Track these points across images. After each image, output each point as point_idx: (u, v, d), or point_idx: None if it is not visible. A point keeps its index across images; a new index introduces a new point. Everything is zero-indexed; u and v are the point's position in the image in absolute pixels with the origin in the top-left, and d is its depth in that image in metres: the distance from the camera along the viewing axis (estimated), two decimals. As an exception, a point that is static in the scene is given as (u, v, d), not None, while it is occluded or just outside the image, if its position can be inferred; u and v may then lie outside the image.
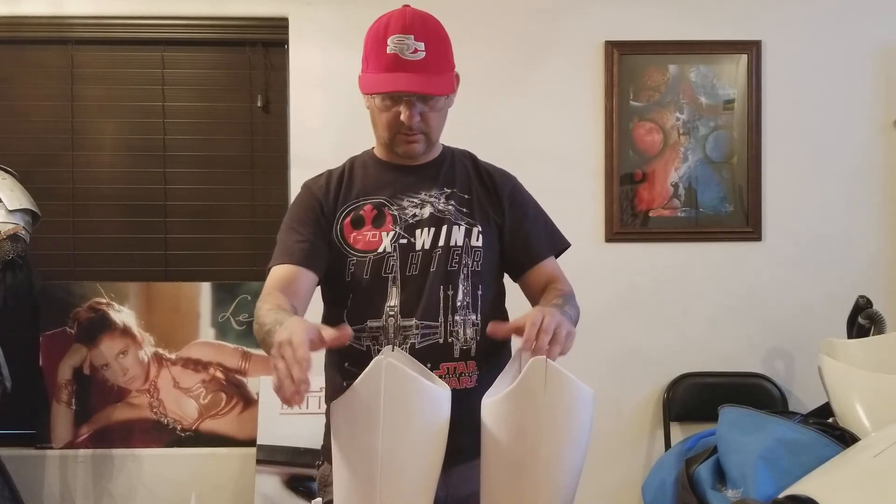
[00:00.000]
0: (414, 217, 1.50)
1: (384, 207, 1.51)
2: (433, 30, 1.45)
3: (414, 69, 1.40)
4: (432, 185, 1.53)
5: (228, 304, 2.71)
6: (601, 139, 2.72)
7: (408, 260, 1.47)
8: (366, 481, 1.13)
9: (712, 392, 2.64)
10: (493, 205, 1.56)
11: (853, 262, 2.73)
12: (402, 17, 1.42)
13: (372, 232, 1.49)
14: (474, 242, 1.51)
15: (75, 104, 2.77)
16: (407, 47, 1.40)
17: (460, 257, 1.49)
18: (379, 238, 1.48)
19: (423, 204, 1.51)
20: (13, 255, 2.41)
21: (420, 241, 1.48)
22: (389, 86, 1.42)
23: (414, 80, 1.40)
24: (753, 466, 1.41)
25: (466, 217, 1.52)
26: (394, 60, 1.40)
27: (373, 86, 1.44)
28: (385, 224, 1.49)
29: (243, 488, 2.63)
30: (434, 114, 1.47)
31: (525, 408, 1.14)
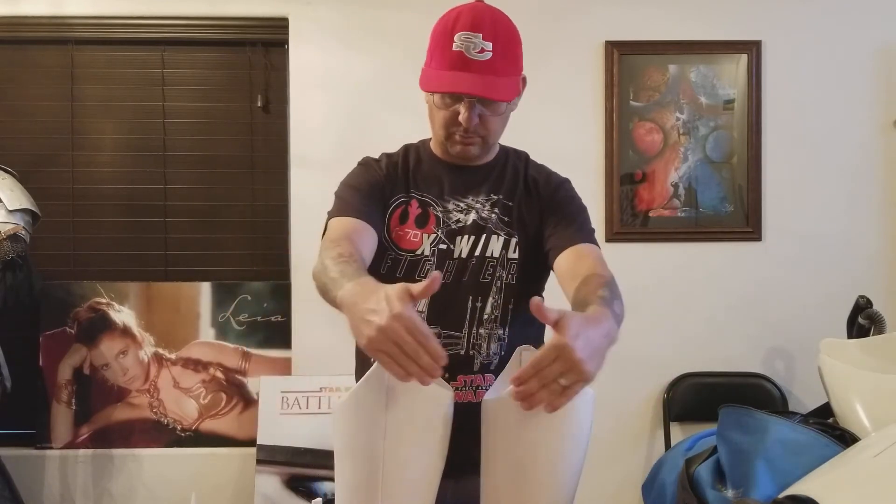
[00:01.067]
0: (457, 223, 1.45)
1: (429, 207, 1.45)
2: (504, 29, 1.38)
3: (478, 69, 1.33)
4: (480, 189, 1.48)
5: (228, 304, 2.71)
6: (601, 139, 2.72)
7: (444, 266, 1.42)
8: (368, 482, 1.13)
9: (712, 392, 2.64)
10: (530, 209, 1.49)
11: (853, 262, 2.73)
12: (472, 12, 1.35)
13: (414, 231, 1.44)
14: (511, 254, 1.45)
15: (75, 104, 2.77)
16: (474, 46, 1.33)
17: (494, 269, 1.44)
18: (420, 239, 1.43)
19: (469, 209, 1.46)
20: (13, 255, 2.41)
21: (458, 249, 1.43)
22: (449, 85, 1.35)
23: (477, 81, 1.33)
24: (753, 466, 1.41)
25: (506, 226, 1.46)
26: (458, 58, 1.33)
27: (433, 83, 1.37)
28: (428, 225, 1.44)
29: (243, 488, 2.63)
30: (494, 118, 1.41)
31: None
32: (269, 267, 2.78)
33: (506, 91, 1.38)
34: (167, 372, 2.69)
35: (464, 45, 1.33)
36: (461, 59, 1.33)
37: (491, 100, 1.37)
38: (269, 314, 2.72)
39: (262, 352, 2.70)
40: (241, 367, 2.70)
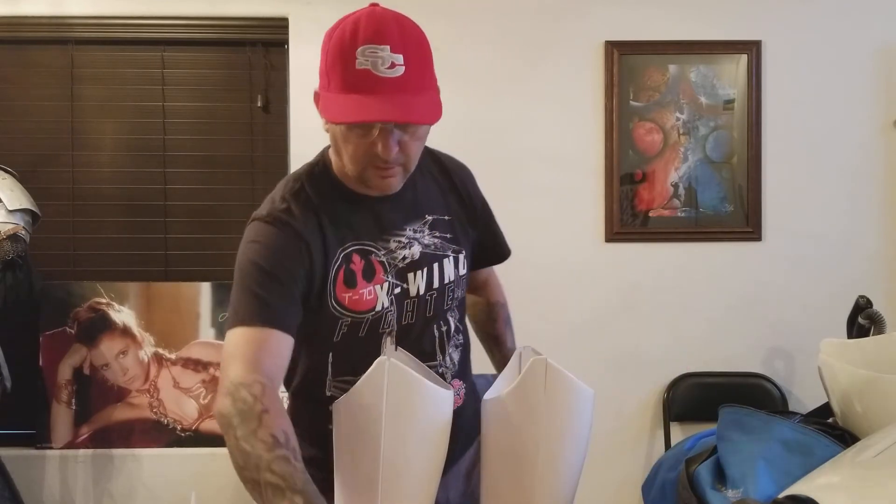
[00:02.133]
0: (404, 260, 1.30)
1: (371, 255, 1.27)
2: (413, 37, 1.16)
3: (391, 89, 1.12)
4: (414, 216, 1.32)
5: (228, 303, 2.71)
6: (601, 139, 2.72)
7: (403, 308, 1.30)
8: (367, 481, 1.13)
9: (712, 392, 2.64)
10: (468, 215, 1.41)
11: (853, 262, 2.73)
12: (373, 21, 1.13)
13: (367, 289, 1.26)
14: (462, 271, 1.38)
15: (75, 104, 2.77)
16: (382, 61, 1.11)
17: (453, 292, 1.36)
18: (374, 295, 1.26)
19: (411, 242, 1.31)
20: (13, 255, 2.41)
21: (414, 287, 1.30)
22: (363, 114, 1.13)
23: (392, 104, 1.12)
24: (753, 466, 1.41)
25: (452, 244, 1.36)
26: (365, 78, 1.11)
27: (342, 113, 1.14)
28: (376, 276, 1.27)
29: (243, 488, 2.62)
30: (415, 142, 1.20)
31: (525, 408, 1.14)
32: (269, 267, 2.78)
33: (427, 111, 1.16)
34: (167, 372, 2.69)
35: (370, 62, 1.11)
36: (368, 78, 1.12)
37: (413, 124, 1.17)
38: (269, 314, 2.71)
39: (262, 352, 2.70)
40: (241, 367, 2.69)
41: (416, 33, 1.17)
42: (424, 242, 1.33)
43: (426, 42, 1.19)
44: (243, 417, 1.05)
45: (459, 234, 1.38)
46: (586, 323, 2.72)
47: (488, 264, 1.55)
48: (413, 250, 1.31)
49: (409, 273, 1.31)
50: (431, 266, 1.33)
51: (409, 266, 1.30)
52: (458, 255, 1.37)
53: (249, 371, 1.09)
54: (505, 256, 1.54)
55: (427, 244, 1.33)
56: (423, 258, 1.32)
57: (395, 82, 1.12)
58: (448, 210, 1.38)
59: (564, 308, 2.71)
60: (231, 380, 1.09)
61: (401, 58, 1.12)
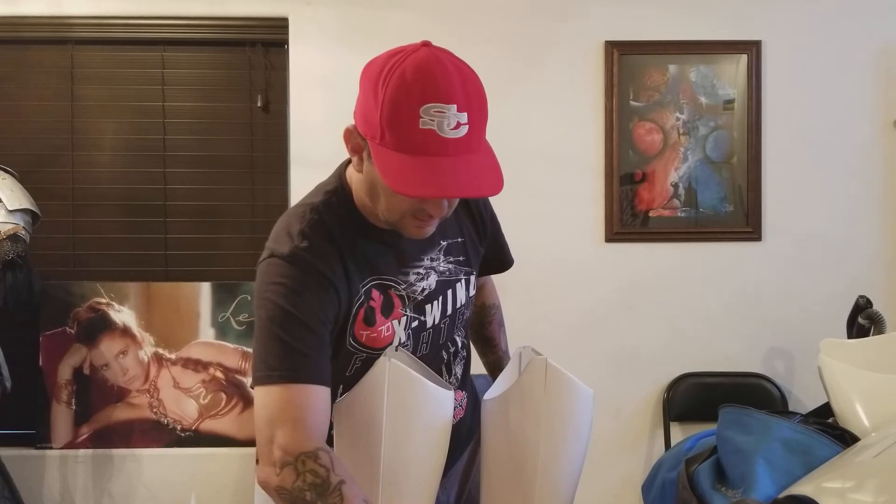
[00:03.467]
0: (423, 292, 1.25)
1: (391, 290, 1.22)
2: (475, 91, 1.08)
3: (455, 150, 1.04)
4: (430, 244, 1.27)
5: (228, 304, 2.71)
6: (601, 139, 2.72)
7: (419, 341, 1.26)
8: (368, 481, 1.12)
9: (712, 392, 2.64)
10: (478, 233, 1.38)
11: (853, 262, 2.73)
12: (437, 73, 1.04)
13: (386, 325, 1.21)
14: (471, 291, 1.35)
15: (75, 104, 2.77)
16: (448, 122, 1.03)
17: (463, 315, 1.35)
18: (392, 330, 1.21)
19: (428, 273, 1.26)
20: (13, 255, 2.41)
21: (430, 318, 1.26)
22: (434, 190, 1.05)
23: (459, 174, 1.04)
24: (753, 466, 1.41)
25: (464, 266, 1.33)
26: (430, 140, 1.03)
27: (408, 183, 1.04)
28: (395, 310, 1.22)
29: (243, 488, 2.63)
30: None
31: (525, 408, 1.14)
32: (269, 267, 2.77)
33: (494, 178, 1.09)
34: (167, 372, 2.69)
35: (435, 122, 1.03)
36: (433, 139, 1.03)
37: None
38: (269, 314, 2.71)
39: (262, 352, 2.70)
40: (241, 367, 2.69)
41: (476, 85, 1.10)
42: (440, 270, 1.28)
43: (484, 93, 1.11)
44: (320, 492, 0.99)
45: (471, 254, 1.35)
46: (586, 323, 2.72)
47: (490, 273, 1.53)
48: (430, 281, 1.26)
49: (427, 305, 1.26)
50: (446, 293, 1.29)
51: (427, 298, 1.26)
52: (469, 277, 1.34)
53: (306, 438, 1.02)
54: (508, 266, 1.52)
55: (442, 271, 1.28)
56: (439, 287, 1.28)
57: (459, 144, 1.05)
58: (461, 232, 1.33)
59: (564, 308, 2.71)
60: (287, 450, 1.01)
61: (465, 116, 1.05)
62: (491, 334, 1.61)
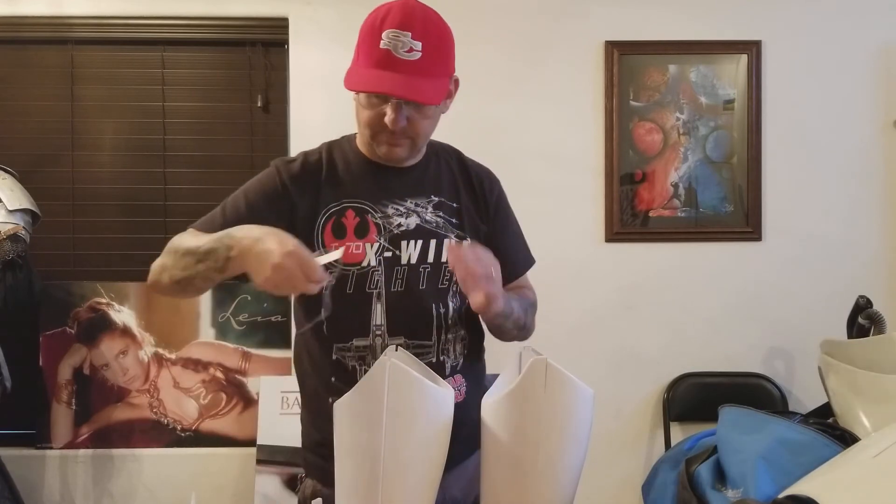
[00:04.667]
0: (399, 227, 1.40)
1: (367, 215, 1.40)
2: (435, 28, 1.32)
3: (405, 70, 1.27)
4: (419, 192, 1.43)
5: (228, 304, 2.71)
6: (601, 139, 2.72)
7: (393, 274, 1.39)
8: (368, 481, 1.13)
9: (712, 392, 2.64)
10: (479, 211, 1.49)
11: (853, 263, 2.73)
12: (402, 10, 1.29)
13: (356, 243, 1.38)
14: None
15: (75, 104, 2.77)
16: (402, 44, 1.27)
17: (452, 274, 1.40)
18: (363, 250, 1.38)
19: (410, 213, 1.41)
20: (13, 255, 2.41)
21: (406, 255, 1.40)
22: (373, 85, 1.29)
23: (402, 82, 1.28)
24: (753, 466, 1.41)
25: (456, 228, 1.44)
26: (385, 57, 1.27)
27: (357, 82, 1.30)
28: (369, 234, 1.39)
29: (243, 488, 2.63)
30: (423, 120, 1.36)
31: (525, 408, 1.14)
32: (269, 267, 2.77)
33: (432, 93, 1.32)
34: (167, 372, 2.69)
35: (391, 44, 1.28)
36: (388, 57, 1.28)
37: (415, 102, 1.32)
38: (269, 314, 2.72)
39: (261, 352, 2.70)
40: (241, 367, 2.70)
41: (438, 26, 1.33)
42: (426, 218, 1.42)
43: (447, 35, 1.35)
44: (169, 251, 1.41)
45: (467, 223, 1.45)
46: (586, 323, 2.72)
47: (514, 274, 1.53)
48: (409, 220, 1.41)
49: (402, 241, 1.40)
50: (428, 240, 1.41)
51: (403, 234, 1.40)
52: (461, 240, 1.43)
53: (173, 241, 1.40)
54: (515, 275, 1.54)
55: (428, 220, 1.42)
56: (420, 231, 1.41)
57: (410, 65, 1.28)
58: (458, 199, 1.47)
59: (564, 308, 2.71)
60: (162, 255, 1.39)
61: (419, 44, 1.28)
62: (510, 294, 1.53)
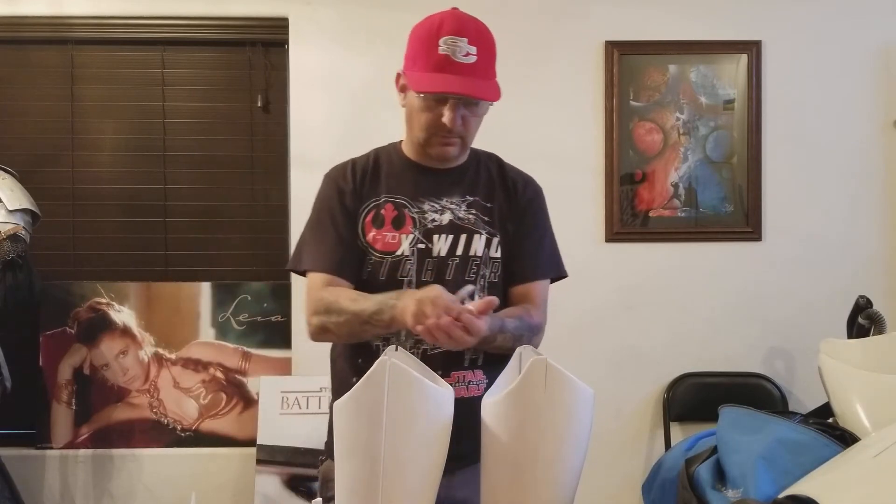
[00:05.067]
0: (433, 222, 1.50)
1: (404, 209, 1.51)
2: (485, 35, 1.46)
3: (465, 72, 1.41)
4: (455, 191, 1.54)
5: (228, 304, 2.71)
6: (601, 139, 2.72)
7: (424, 265, 1.48)
8: (368, 481, 1.13)
9: (712, 392, 2.64)
10: (511, 211, 1.56)
11: (853, 263, 2.73)
12: (455, 18, 1.43)
13: (392, 233, 1.49)
14: (493, 253, 1.52)
15: (75, 104, 2.77)
16: (459, 49, 1.40)
17: (478, 267, 1.50)
18: (398, 240, 1.49)
19: (444, 210, 1.52)
20: (13, 255, 2.41)
21: (437, 248, 1.49)
22: (442, 86, 1.41)
23: (465, 83, 1.41)
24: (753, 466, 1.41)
25: (487, 226, 1.53)
26: (445, 61, 1.40)
27: (424, 84, 1.42)
28: (404, 226, 1.50)
29: (243, 488, 2.63)
30: (475, 119, 1.48)
31: (525, 408, 1.14)
32: (269, 267, 2.78)
33: (491, 92, 1.45)
34: (167, 372, 2.69)
35: (450, 49, 1.40)
36: (448, 62, 1.40)
37: (475, 101, 1.44)
38: (269, 314, 2.72)
39: (262, 352, 2.70)
40: (241, 367, 2.70)
41: (488, 33, 1.47)
42: (459, 215, 1.52)
43: (494, 41, 1.48)
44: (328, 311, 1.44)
45: (497, 223, 1.54)
46: (586, 323, 2.72)
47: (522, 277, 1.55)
48: (443, 217, 1.51)
49: (435, 235, 1.50)
50: (458, 235, 1.50)
51: (436, 228, 1.50)
52: (491, 238, 1.52)
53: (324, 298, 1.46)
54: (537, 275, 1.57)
55: (461, 217, 1.52)
56: (451, 226, 1.51)
57: (468, 67, 1.41)
58: (492, 199, 1.55)
59: (564, 308, 2.69)
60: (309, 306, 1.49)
61: (475, 49, 1.42)
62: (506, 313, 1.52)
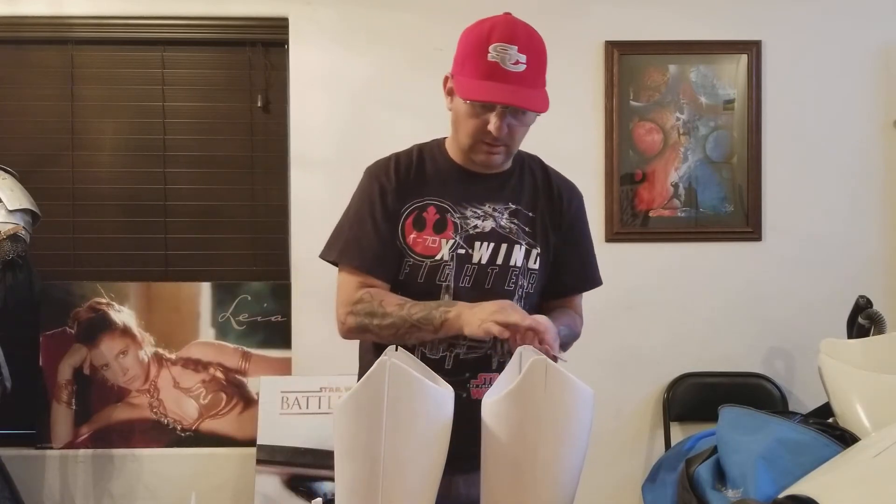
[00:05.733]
0: (475, 228, 1.49)
1: (447, 213, 1.49)
2: (536, 43, 1.42)
3: (513, 81, 1.37)
4: (499, 198, 1.52)
5: (228, 304, 2.71)
6: (601, 139, 2.72)
7: (462, 271, 1.47)
8: (368, 481, 1.13)
9: (712, 392, 2.64)
10: (553, 221, 1.55)
11: (853, 262, 2.73)
12: (506, 25, 1.40)
13: (432, 237, 1.47)
14: (532, 265, 1.51)
15: (75, 104, 2.77)
16: (509, 57, 1.37)
17: (517, 278, 1.49)
18: (438, 245, 1.47)
19: (486, 216, 1.50)
20: (13, 255, 2.41)
21: (477, 255, 1.48)
22: (489, 95, 1.38)
23: (514, 92, 1.37)
24: (753, 466, 1.41)
25: (528, 237, 1.51)
26: (494, 69, 1.37)
27: (473, 92, 1.39)
28: (446, 231, 1.48)
29: (243, 488, 2.63)
30: (522, 128, 1.46)
31: (525, 408, 1.14)
32: (269, 267, 2.78)
33: (540, 102, 1.42)
34: (167, 372, 2.69)
35: (499, 57, 1.37)
36: (497, 69, 1.37)
37: (524, 110, 1.41)
38: (269, 314, 2.72)
39: (262, 352, 2.70)
40: (241, 367, 2.70)
41: (539, 41, 1.43)
42: (501, 223, 1.50)
43: (545, 50, 1.44)
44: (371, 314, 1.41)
45: (539, 233, 1.53)
46: (586, 323, 2.70)
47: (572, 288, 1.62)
48: (485, 223, 1.49)
49: (476, 241, 1.48)
50: (499, 244, 1.49)
51: (478, 235, 1.48)
52: (531, 249, 1.51)
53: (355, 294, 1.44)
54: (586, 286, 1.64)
55: (503, 226, 1.50)
56: (493, 234, 1.49)
57: (518, 76, 1.37)
58: (535, 209, 1.54)
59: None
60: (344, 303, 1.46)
61: (524, 57, 1.38)
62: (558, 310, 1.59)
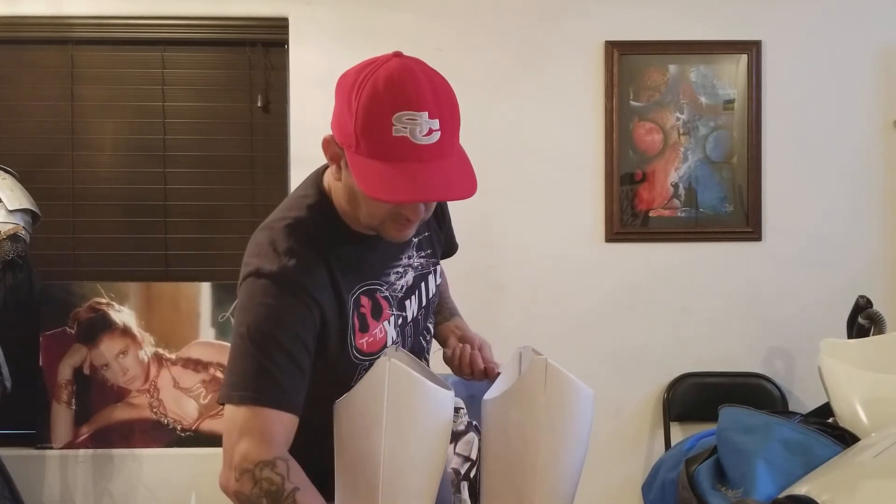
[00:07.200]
0: (402, 289, 1.29)
1: (376, 293, 1.25)
2: (446, 98, 1.10)
3: (428, 156, 1.07)
4: (408, 243, 1.31)
5: (228, 304, 2.71)
6: (601, 139, 2.72)
7: (405, 335, 1.32)
8: (368, 482, 1.12)
9: (712, 392, 2.64)
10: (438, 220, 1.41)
11: (853, 262, 2.73)
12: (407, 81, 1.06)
13: (378, 328, 1.25)
14: (438, 279, 1.40)
15: (75, 104, 2.77)
16: (420, 129, 1.06)
17: (432, 303, 1.39)
18: (384, 332, 1.26)
19: (406, 270, 1.30)
20: (13, 255, 2.41)
21: (410, 312, 1.31)
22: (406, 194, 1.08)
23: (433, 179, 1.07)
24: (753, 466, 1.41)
25: (432, 258, 1.38)
26: (402, 146, 1.06)
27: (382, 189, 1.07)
28: (383, 312, 1.25)
29: (243, 488, 2.62)
30: None
31: (525, 408, 1.14)
32: (269, 267, 2.78)
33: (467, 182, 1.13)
34: (167, 372, 2.69)
35: (408, 130, 1.05)
36: (405, 145, 1.06)
37: None
38: (269, 314, 2.71)
39: (262, 352, 2.70)
40: (241, 367, 2.69)
41: (447, 93, 1.11)
42: (415, 266, 1.33)
43: (456, 100, 1.13)
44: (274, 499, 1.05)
45: (436, 245, 1.40)
46: (586, 323, 2.72)
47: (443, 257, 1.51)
48: (408, 277, 1.31)
49: (406, 300, 1.30)
50: (420, 286, 1.34)
51: (406, 294, 1.30)
52: (436, 267, 1.40)
53: (266, 448, 1.07)
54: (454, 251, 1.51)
55: (416, 266, 1.33)
56: (415, 281, 1.32)
57: (432, 149, 1.07)
58: (428, 225, 1.36)
59: (564, 308, 2.71)
60: (246, 457, 1.06)
61: (437, 123, 1.07)
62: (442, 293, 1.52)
